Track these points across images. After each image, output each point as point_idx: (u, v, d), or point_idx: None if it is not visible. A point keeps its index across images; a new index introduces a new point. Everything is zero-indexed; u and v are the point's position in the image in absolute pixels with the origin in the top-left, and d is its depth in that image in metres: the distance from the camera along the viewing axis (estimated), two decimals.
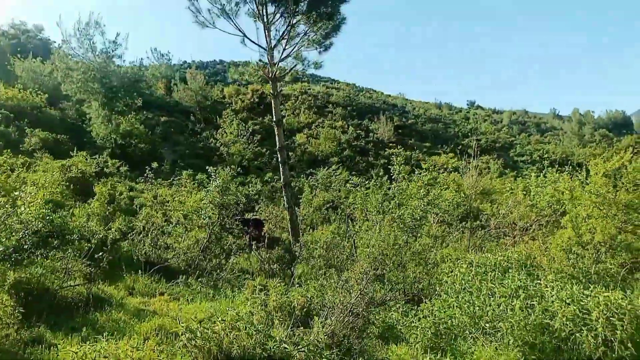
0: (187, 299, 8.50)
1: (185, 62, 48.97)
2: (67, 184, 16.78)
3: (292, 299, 6.95)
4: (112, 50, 25.49)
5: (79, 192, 16.92)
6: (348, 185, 23.08)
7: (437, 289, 6.63)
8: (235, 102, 40.71)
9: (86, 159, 19.73)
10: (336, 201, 21.11)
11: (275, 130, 12.92)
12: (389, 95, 56.67)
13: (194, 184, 18.90)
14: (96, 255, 7.79)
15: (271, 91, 12.55)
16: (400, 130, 41.68)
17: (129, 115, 27.43)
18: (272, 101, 12.72)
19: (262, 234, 11.74)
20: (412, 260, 6.29)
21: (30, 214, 5.41)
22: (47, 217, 5.73)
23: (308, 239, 11.17)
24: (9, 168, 15.71)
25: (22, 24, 45.24)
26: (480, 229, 13.62)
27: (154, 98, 35.11)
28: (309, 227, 16.67)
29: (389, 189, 12.08)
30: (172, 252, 10.43)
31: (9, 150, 20.42)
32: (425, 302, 6.25)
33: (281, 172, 12.56)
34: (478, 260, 6.81)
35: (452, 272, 6.61)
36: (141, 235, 10.90)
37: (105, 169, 20.74)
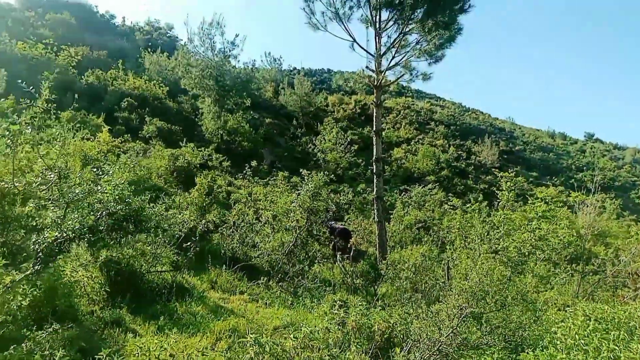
0: (266, 302, 8.26)
1: (294, 68, 50.21)
2: (174, 172, 17.72)
3: (373, 322, 6.35)
4: (229, 51, 26.66)
5: (183, 181, 17.76)
6: (445, 206, 21.93)
7: (543, 339, 5.66)
8: (337, 111, 40.90)
9: (193, 150, 20.73)
10: (429, 222, 20.08)
11: (374, 140, 12.40)
12: (496, 119, 53.55)
13: (287, 185, 18.98)
14: (184, 245, 7.84)
15: (374, 99, 12.07)
16: (505, 156, 39.10)
17: (237, 114, 28.52)
18: (374, 110, 12.23)
19: (349, 245, 11.27)
20: (516, 301, 5.42)
21: (109, 194, 5.36)
22: (126, 200, 5.64)
23: (396, 258, 10.48)
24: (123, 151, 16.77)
25: (156, 21, 49.59)
26: (592, 274, 11.97)
27: (261, 99, 36.30)
28: (397, 245, 15.90)
29: (489, 215, 11.03)
30: (258, 251, 10.31)
31: (129, 134, 22.16)
32: (528, 352, 5.33)
33: (375, 184, 12.00)
34: (596, 313, 5.73)
35: (563, 322, 5.60)
36: (231, 230, 10.96)
37: (209, 162, 21.61)
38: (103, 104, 26.20)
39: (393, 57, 11.74)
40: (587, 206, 11.77)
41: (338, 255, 10.36)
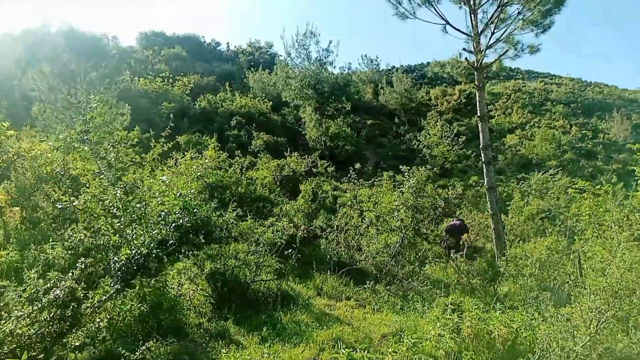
0: (374, 307, 7.76)
1: (393, 66, 49.06)
2: (281, 181, 18.08)
3: (493, 327, 5.55)
4: (325, 58, 26.79)
5: (290, 190, 18.03)
6: (570, 192, 19.64)
7: None
8: (440, 104, 39.11)
9: (297, 159, 21.02)
10: (554, 211, 18.07)
11: (480, 126, 11.28)
12: (625, 90, 47.12)
13: (392, 184, 18.32)
14: (286, 252, 7.67)
15: (475, 83, 10.99)
16: None
17: (338, 119, 28.54)
18: (477, 94, 11.13)
19: (461, 241, 10.33)
20: None
21: (174, 205, 5.25)
22: (193, 210, 5.47)
23: (517, 253, 9.34)
24: (239, 167, 17.40)
25: (257, 42, 51.91)
26: None
27: (361, 102, 35.97)
28: (518, 239, 14.41)
29: (627, 197, 9.38)
30: (363, 254, 9.88)
31: (239, 150, 23.19)
32: None
33: (485, 174, 10.87)
34: None
35: None
36: (335, 234, 10.65)
37: (313, 169, 21.75)
38: (215, 124, 27.88)
39: (493, 33, 10.56)
40: None
41: (451, 254, 9.51)
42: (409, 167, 10.23)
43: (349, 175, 20.68)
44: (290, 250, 7.62)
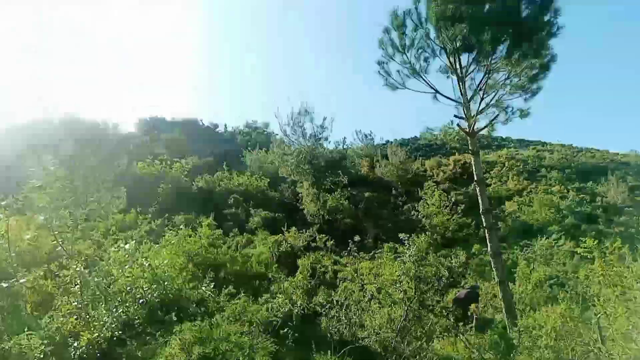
0: None
1: (387, 141, 50.04)
2: (279, 257, 17.56)
3: None
4: (320, 134, 27.26)
5: (289, 266, 17.46)
6: (577, 256, 19.08)
7: None
8: (436, 174, 39.30)
9: (295, 234, 20.62)
10: (561, 277, 17.45)
11: (477, 191, 11.04)
12: (617, 154, 47.72)
13: (393, 256, 17.77)
14: (281, 332, 7.09)
15: (470, 148, 10.93)
16: (637, 192, 34.09)
17: (335, 193, 28.46)
18: (472, 159, 11.02)
19: (469, 312, 9.69)
20: None
21: (138, 277, 4.80)
22: (163, 282, 4.99)
23: (529, 323, 8.71)
24: (235, 245, 16.97)
25: (254, 122, 53.39)
26: None
27: (357, 175, 36.18)
28: (528, 308, 13.68)
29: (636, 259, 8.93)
30: (365, 331, 9.18)
31: (237, 228, 22.83)
32: None
33: (488, 240, 10.47)
34: None
35: None
36: (336, 310, 9.98)
37: (311, 243, 21.27)
38: (213, 203, 27.72)
39: (482, 99, 10.68)
40: None
41: (459, 327, 8.85)
42: (408, 235, 9.83)
43: (348, 248, 20.15)
44: (286, 330, 7.04)
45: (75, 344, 4.09)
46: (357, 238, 20.37)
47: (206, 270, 10.77)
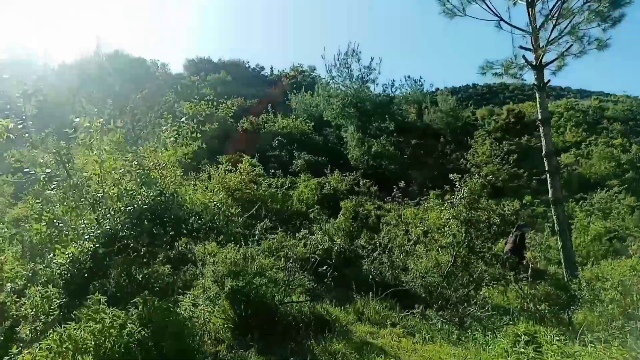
0: (424, 337, 6.47)
1: (437, 88, 47.62)
2: (321, 199, 17.07)
3: None
4: (367, 76, 25.92)
5: (331, 208, 17.00)
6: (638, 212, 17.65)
7: None
8: (488, 124, 37.17)
9: (339, 178, 20.04)
10: (620, 231, 16.17)
11: (542, 131, 9.87)
12: None
13: (438, 202, 16.89)
14: (320, 270, 6.61)
15: (535, 83, 9.67)
16: None
17: (381, 138, 27.41)
18: (537, 95, 9.78)
19: (524, 261, 8.89)
20: None
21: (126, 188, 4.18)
22: (154, 184, 4.34)
23: (593, 275, 7.84)
24: (278, 186, 16.54)
25: (300, 65, 52.05)
26: None
27: (404, 122, 34.73)
28: (584, 260, 12.70)
29: None
30: (410, 275, 8.60)
31: (280, 170, 22.47)
32: None
33: (550, 185, 9.41)
34: None
35: None
36: (379, 253, 9.43)
37: (355, 187, 20.66)
38: (257, 145, 27.41)
39: (554, 26, 9.24)
40: None
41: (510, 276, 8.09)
42: (459, 176, 8.94)
43: (393, 194, 19.50)
44: (325, 268, 6.55)
45: (58, 260, 3.65)
46: (402, 184, 19.57)
47: (245, 206, 10.42)
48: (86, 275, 3.60)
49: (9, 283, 3.72)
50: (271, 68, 53.91)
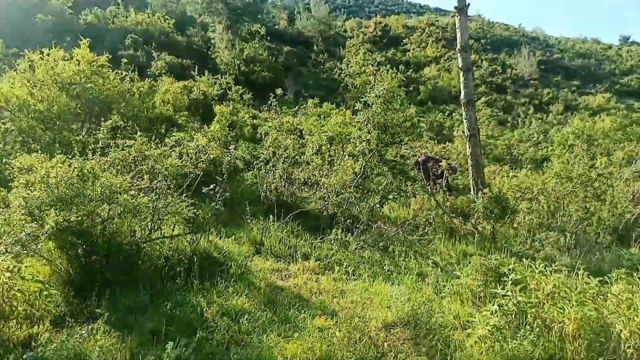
0: (347, 271, 4.80)
1: None
2: (189, 106, 14.12)
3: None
4: None
5: (200, 115, 14.26)
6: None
7: None
8: (356, 35, 35.95)
9: (208, 81, 17.07)
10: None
11: (457, 22, 8.38)
12: (523, 29, 47.38)
13: (318, 112, 15.17)
14: (204, 190, 4.42)
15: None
16: (542, 67, 34.07)
17: (253, 42, 24.28)
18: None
19: (440, 171, 7.75)
20: None
21: None
22: None
23: (510, 184, 6.94)
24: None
25: None
26: None
27: (276, 28, 31.64)
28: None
29: None
30: (311, 191, 6.84)
31: (136, 73, 18.42)
32: None
33: (462, 85, 8.14)
34: None
35: None
36: (269, 165, 7.40)
37: (227, 93, 17.92)
38: (105, 44, 22.26)
39: None
40: None
41: (437, 186, 6.83)
42: (377, 68, 7.10)
43: (269, 102, 17.35)
44: (213, 186, 4.37)
45: None
46: (278, 91, 17.40)
47: (88, 106, 7.42)
48: None
49: None
50: None
